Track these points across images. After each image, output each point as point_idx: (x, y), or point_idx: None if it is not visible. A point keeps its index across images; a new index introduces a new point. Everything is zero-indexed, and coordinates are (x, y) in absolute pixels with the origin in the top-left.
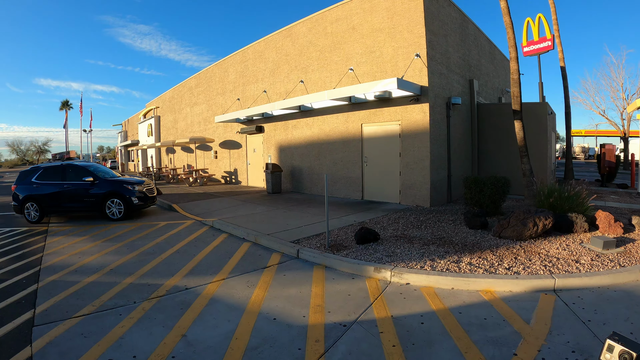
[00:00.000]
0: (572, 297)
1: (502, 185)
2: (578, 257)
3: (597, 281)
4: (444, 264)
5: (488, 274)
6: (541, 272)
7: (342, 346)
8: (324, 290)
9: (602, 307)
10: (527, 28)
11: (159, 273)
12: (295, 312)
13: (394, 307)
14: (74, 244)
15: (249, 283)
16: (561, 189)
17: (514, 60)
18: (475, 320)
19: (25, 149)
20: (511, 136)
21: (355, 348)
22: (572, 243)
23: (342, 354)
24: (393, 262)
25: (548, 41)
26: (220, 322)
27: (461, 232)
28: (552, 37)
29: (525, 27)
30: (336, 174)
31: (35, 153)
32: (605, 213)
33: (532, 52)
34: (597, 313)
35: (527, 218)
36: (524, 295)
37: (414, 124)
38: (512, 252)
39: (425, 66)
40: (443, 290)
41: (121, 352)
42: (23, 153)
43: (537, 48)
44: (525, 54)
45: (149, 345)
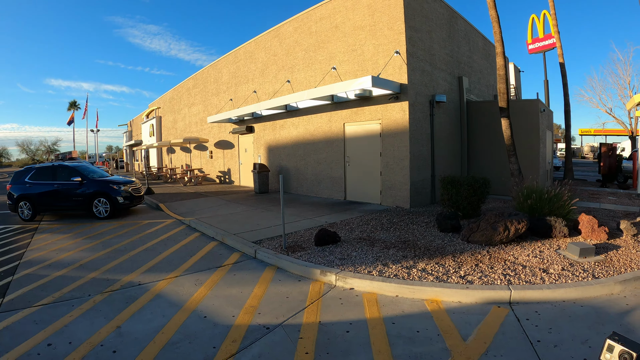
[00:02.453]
0: (528, 311)
1: (480, 186)
2: (548, 266)
3: (562, 294)
4: (395, 269)
5: (438, 282)
6: (498, 282)
7: (255, 349)
8: (264, 292)
9: (560, 325)
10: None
11: (121, 269)
12: (227, 312)
13: (326, 313)
14: (57, 241)
15: (198, 281)
16: (541, 189)
17: (500, 55)
18: (406, 333)
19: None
20: (514, 135)
21: (268, 352)
22: (547, 249)
23: (253, 356)
24: (343, 265)
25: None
26: (155, 317)
27: (430, 235)
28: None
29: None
30: (320, 174)
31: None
32: (588, 217)
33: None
34: (551, 332)
35: (498, 222)
36: (474, 308)
37: (394, 122)
38: (475, 258)
39: (404, 63)
40: (386, 297)
41: (61, 338)
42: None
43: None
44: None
45: (86, 334)
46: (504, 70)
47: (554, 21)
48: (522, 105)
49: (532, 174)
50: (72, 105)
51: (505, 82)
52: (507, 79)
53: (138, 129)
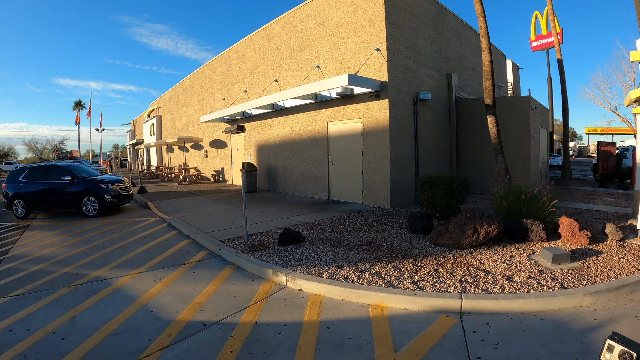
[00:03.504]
0: (478, 323)
1: (458, 186)
2: (514, 273)
3: (520, 305)
4: (348, 271)
5: (386, 287)
6: (452, 289)
7: (185, 344)
8: (215, 289)
9: (509, 341)
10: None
11: (93, 265)
12: (173, 308)
13: (265, 313)
14: (44, 237)
15: (158, 278)
16: (519, 190)
17: (486, 50)
18: (337, 339)
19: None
20: (504, 133)
21: (195, 348)
22: (520, 255)
23: (180, 350)
24: (298, 266)
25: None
26: (108, 309)
27: (399, 237)
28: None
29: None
30: (305, 173)
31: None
32: (569, 220)
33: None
34: (496, 348)
35: (467, 224)
36: (419, 316)
37: (375, 121)
38: (437, 262)
39: (385, 60)
40: (331, 301)
41: (21, 325)
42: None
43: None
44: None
45: (44, 322)
46: (490, 66)
47: (552, 16)
48: (512, 102)
49: (523, 173)
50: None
51: (491, 78)
52: (492, 75)
53: (140, 128)
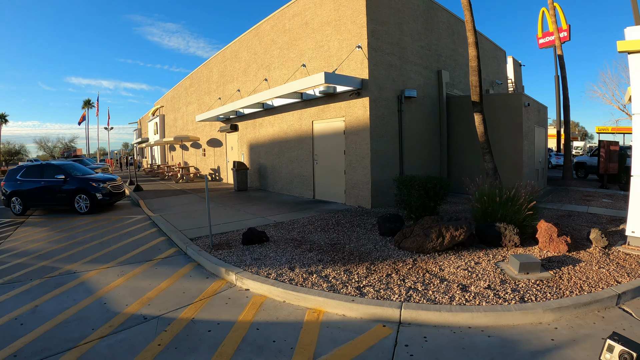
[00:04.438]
0: (415, 336)
1: (434, 186)
2: (472, 282)
3: (467, 319)
4: (297, 273)
5: (328, 291)
6: (395, 297)
7: (122, 335)
8: (169, 286)
9: (442, 359)
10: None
11: (69, 259)
12: (124, 301)
13: (205, 311)
14: (34, 233)
15: (122, 273)
16: (493, 191)
17: (472, 45)
18: (261, 341)
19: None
20: (491, 131)
21: (130, 338)
22: (487, 261)
23: (115, 340)
24: (252, 266)
25: (564, 32)
26: (68, 300)
27: (365, 239)
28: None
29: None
30: (292, 172)
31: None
32: (547, 224)
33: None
34: None
35: (432, 227)
36: (354, 323)
37: (356, 119)
38: (393, 267)
39: (366, 58)
40: (273, 302)
41: None
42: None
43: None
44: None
45: (11, 309)
46: (477, 62)
47: (552, 11)
48: (504, 99)
49: (515, 173)
50: (86, 103)
51: (478, 74)
52: (479, 71)
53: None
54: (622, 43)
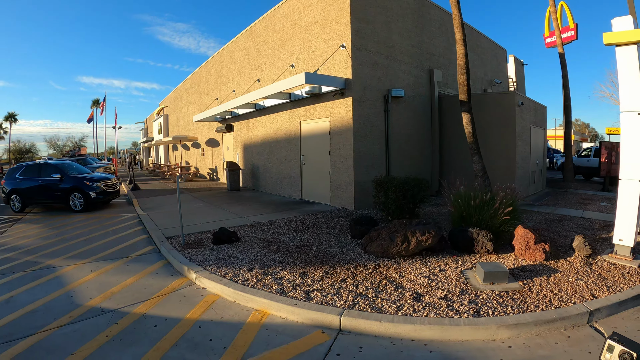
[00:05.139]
0: (351, 345)
1: (411, 188)
2: (428, 291)
3: (409, 331)
4: (254, 274)
5: (276, 293)
6: (340, 303)
7: (78, 325)
8: (134, 282)
9: None
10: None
11: (53, 254)
12: (89, 295)
13: (159, 307)
14: (28, 229)
15: (96, 268)
16: (468, 194)
17: (460, 43)
18: (199, 339)
19: (63, 145)
20: (480, 131)
21: (82, 329)
22: (454, 269)
23: (70, 330)
24: (214, 265)
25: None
26: (41, 292)
27: (335, 241)
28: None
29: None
30: (282, 172)
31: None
32: (524, 230)
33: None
34: None
35: (398, 231)
36: (295, 328)
37: (340, 120)
38: (352, 271)
39: (350, 57)
40: (224, 301)
41: None
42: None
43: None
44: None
45: None
46: (464, 60)
47: (553, 8)
48: (496, 98)
49: (507, 175)
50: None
51: (466, 72)
52: (467, 69)
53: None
54: (609, 35)
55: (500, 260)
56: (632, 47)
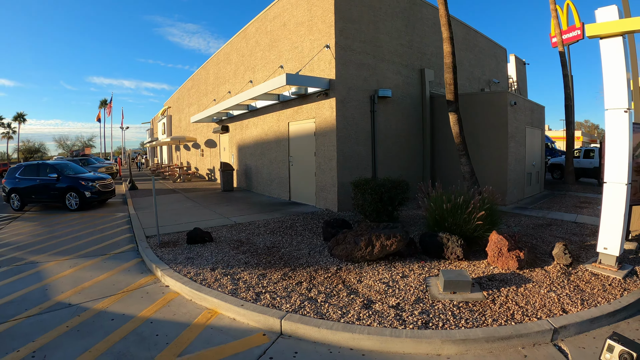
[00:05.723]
0: (287, 350)
1: (388, 190)
2: (382, 298)
3: (347, 340)
4: (215, 274)
5: (228, 293)
6: (287, 306)
7: (44, 316)
8: (105, 278)
9: None
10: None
11: (39, 251)
12: (62, 289)
13: (120, 303)
14: (23, 227)
15: (75, 264)
16: (439, 197)
17: (447, 41)
18: (147, 334)
19: (72, 144)
20: (472, 132)
21: (48, 319)
22: (417, 275)
23: (36, 320)
24: (180, 264)
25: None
26: (20, 285)
27: (306, 243)
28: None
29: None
30: (272, 173)
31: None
32: (498, 236)
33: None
34: None
35: (362, 235)
36: (239, 329)
37: (325, 121)
38: (311, 275)
39: (333, 57)
40: (182, 299)
41: None
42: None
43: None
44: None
45: None
46: (451, 58)
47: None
48: (488, 98)
49: (499, 177)
50: (103, 103)
51: (453, 71)
52: (454, 68)
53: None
54: (593, 27)
55: (471, 267)
56: (617, 39)
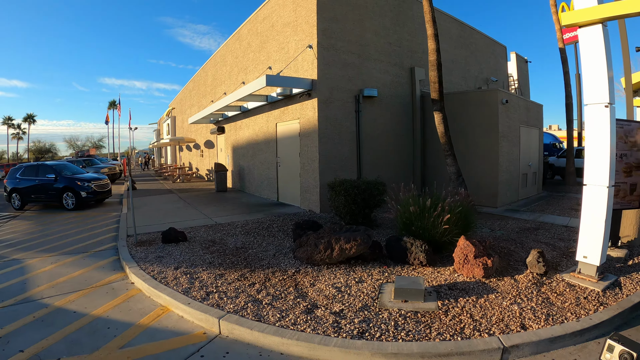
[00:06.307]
0: (219, 350)
1: (361, 192)
2: (328, 304)
3: (277, 344)
4: (175, 273)
5: (180, 292)
6: (230, 306)
7: (18, 306)
8: (79, 274)
9: None
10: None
11: (28, 248)
12: (38, 283)
13: (86, 297)
14: (19, 225)
15: (57, 261)
16: (406, 200)
17: (432, 38)
18: (100, 327)
19: (82, 145)
20: (461, 131)
21: (20, 309)
22: (374, 281)
23: (10, 310)
24: (148, 262)
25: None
26: (3, 279)
27: (274, 244)
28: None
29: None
30: (262, 174)
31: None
32: (465, 242)
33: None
34: None
35: (322, 238)
36: (183, 326)
37: (308, 121)
38: (268, 276)
39: (315, 58)
40: (142, 296)
41: None
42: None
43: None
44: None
45: None
46: (435, 56)
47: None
48: (478, 96)
49: (490, 178)
50: (112, 104)
51: (437, 69)
52: (439, 66)
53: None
54: (569, 15)
55: (434, 274)
56: (596, 27)
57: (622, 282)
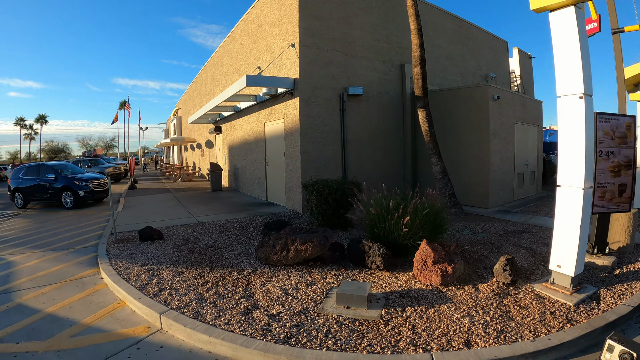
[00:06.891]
0: (153, 344)
1: (332, 193)
2: (268, 305)
3: (205, 343)
4: (139, 269)
5: (136, 288)
6: (175, 303)
7: None
8: (58, 269)
9: None
10: None
11: (20, 244)
12: (19, 277)
13: (57, 290)
14: (18, 223)
15: (41, 256)
16: (367, 202)
17: (415, 33)
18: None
19: (94, 145)
20: (454, 129)
21: None
22: (325, 284)
23: None
24: (120, 259)
25: (594, 22)
26: None
27: (243, 244)
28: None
29: None
30: (253, 173)
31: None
32: (425, 247)
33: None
34: None
35: (280, 239)
36: (132, 319)
37: (291, 120)
38: (225, 275)
39: (297, 56)
40: (106, 290)
41: None
42: (92, 148)
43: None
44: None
45: None
46: (419, 51)
47: None
48: (468, 92)
49: (481, 177)
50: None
51: (421, 65)
52: (422, 61)
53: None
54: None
55: (391, 279)
56: (568, 10)
57: (602, 295)
